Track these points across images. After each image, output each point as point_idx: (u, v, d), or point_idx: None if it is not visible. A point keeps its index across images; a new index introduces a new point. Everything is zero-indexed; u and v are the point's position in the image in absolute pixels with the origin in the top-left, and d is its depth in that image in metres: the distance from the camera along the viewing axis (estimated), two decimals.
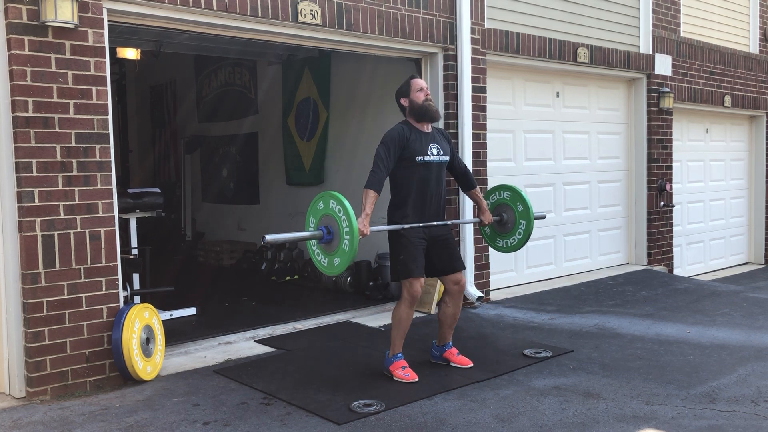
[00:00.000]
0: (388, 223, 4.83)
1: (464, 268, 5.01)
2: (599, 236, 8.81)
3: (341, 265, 4.30)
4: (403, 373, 4.70)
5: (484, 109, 6.99)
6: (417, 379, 4.67)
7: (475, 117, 6.86)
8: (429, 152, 4.77)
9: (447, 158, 4.89)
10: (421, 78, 6.75)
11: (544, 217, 5.61)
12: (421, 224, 4.75)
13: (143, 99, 12.68)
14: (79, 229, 4.57)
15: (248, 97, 10.00)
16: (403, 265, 4.70)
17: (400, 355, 4.77)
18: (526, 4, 7.49)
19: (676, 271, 9.52)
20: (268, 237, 4.17)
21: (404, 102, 4.87)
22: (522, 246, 5.33)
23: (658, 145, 9.05)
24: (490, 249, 7.15)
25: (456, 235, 6.78)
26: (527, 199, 5.25)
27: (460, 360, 5.02)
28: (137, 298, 6.26)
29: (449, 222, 5.07)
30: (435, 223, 4.82)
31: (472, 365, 5.00)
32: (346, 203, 4.29)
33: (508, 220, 5.32)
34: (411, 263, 4.69)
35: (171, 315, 6.56)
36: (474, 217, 5.32)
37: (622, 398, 4.38)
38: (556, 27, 7.75)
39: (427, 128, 4.87)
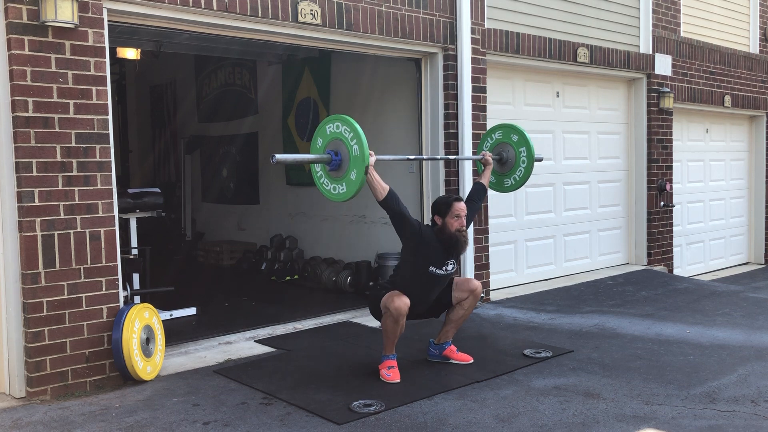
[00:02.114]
0: (376, 294, 4.80)
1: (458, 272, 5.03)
2: (599, 236, 8.81)
3: (348, 192, 4.23)
4: (386, 372, 4.70)
5: (484, 109, 6.99)
6: (398, 381, 4.65)
7: (475, 117, 6.85)
8: (444, 268, 4.78)
9: (455, 269, 4.90)
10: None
11: (540, 160, 5.65)
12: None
13: (143, 99, 12.68)
14: (79, 229, 4.57)
15: (248, 97, 10.00)
16: (384, 289, 4.72)
17: (390, 356, 4.78)
18: (526, 4, 7.49)
19: (676, 271, 9.52)
20: (278, 156, 4.11)
21: (437, 220, 4.76)
22: (529, 174, 5.38)
23: (658, 145, 9.05)
24: (490, 249, 7.17)
25: None
26: (519, 127, 5.33)
27: (461, 357, 5.03)
28: (137, 298, 6.26)
29: (452, 158, 5.25)
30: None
31: (472, 361, 5.01)
32: (358, 128, 4.18)
33: (508, 158, 5.38)
34: (390, 287, 4.72)
35: (171, 315, 6.56)
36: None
37: (622, 398, 4.38)
38: (556, 27, 7.75)
39: None
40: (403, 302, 4.57)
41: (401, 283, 4.76)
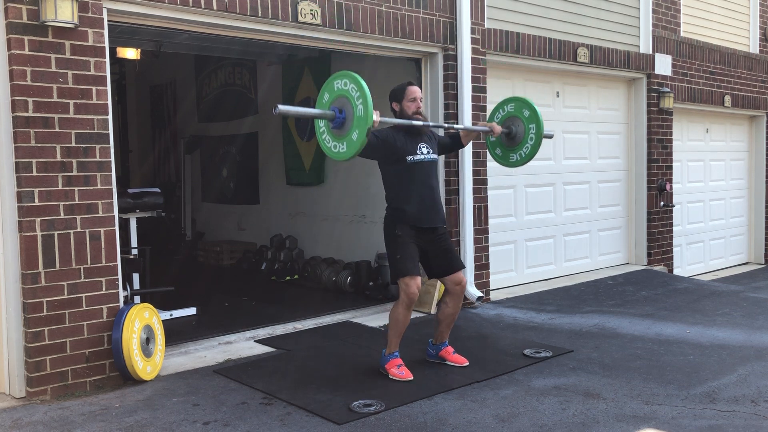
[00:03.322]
0: (387, 225, 4.83)
1: (464, 266, 5.03)
2: (599, 236, 8.81)
3: (348, 152, 4.22)
4: (398, 371, 4.71)
5: (484, 109, 6.99)
6: (412, 378, 4.68)
7: (475, 117, 6.86)
8: (419, 151, 4.79)
9: (436, 156, 4.93)
10: (419, 86, 6.75)
11: (551, 136, 5.52)
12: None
13: (143, 99, 12.68)
14: (79, 229, 4.57)
15: (248, 97, 10.00)
16: (402, 263, 4.71)
17: (396, 353, 4.80)
18: (526, 4, 7.49)
19: (676, 271, 9.52)
20: (281, 107, 4.07)
21: (395, 107, 4.88)
22: (536, 152, 5.28)
23: (658, 145, 9.05)
24: (491, 249, 7.17)
25: (456, 235, 6.79)
26: (532, 103, 5.22)
27: (456, 359, 5.04)
28: (137, 298, 6.26)
29: (457, 127, 5.05)
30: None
31: (467, 364, 5.01)
32: (365, 88, 4.17)
33: (517, 132, 5.30)
34: (409, 262, 4.71)
35: (171, 315, 6.56)
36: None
37: (622, 398, 4.38)
38: (556, 27, 7.75)
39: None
40: (415, 284, 4.66)
41: (396, 198, 4.76)
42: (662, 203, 9.14)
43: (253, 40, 5.75)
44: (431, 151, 4.87)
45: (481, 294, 6.87)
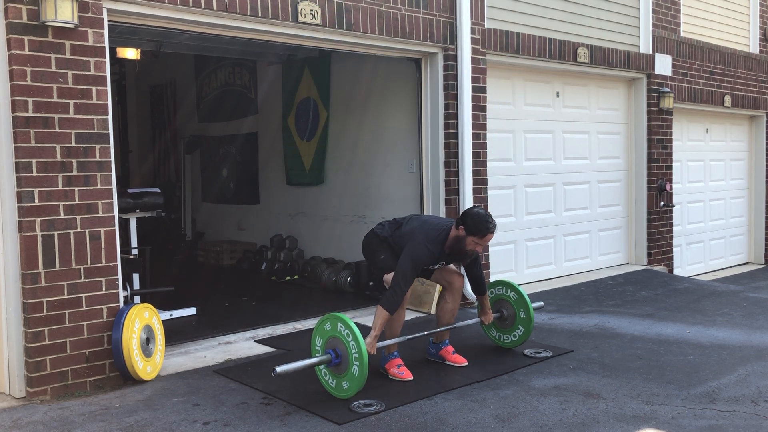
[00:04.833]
0: (371, 240, 4.95)
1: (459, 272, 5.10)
2: (599, 236, 8.81)
3: (351, 389, 4.29)
4: (398, 371, 4.73)
5: (484, 109, 6.99)
6: (411, 378, 4.70)
7: (475, 117, 6.86)
8: (431, 266, 4.93)
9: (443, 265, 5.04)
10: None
11: (542, 306, 5.74)
12: (429, 331, 5.00)
13: (143, 99, 12.68)
14: (79, 229, 4.57)
15: (248, 97, 10.00)
16: (389, 260, 4.77)
17: (395, 353, 4.81)
18: (526, 4, 7.49)
19: (676, 271, 9.52)
20: (279, 369, 4.13)
21: (461, 231, 4.67)
22: (515, 347, 5.44)
23: (658, 145, 9.05)
24: (490, 249, 7.17)
25: None
26: (531, 308, 5.33)
27: (455, 358, 5.05)
28: (137, 298, 6.26)
29: (451, 327, 5.10)
30: (438, 330, 5.03)
31: (466, 363, 5.02)
32: (354, 327, 4.29)
33: (508, 317, 5.45)
34: (393, 261, 4.75)
35: (171, 315, 6.56)
36: (477, 316, 5.48)
37: (622, 398, 4.38)
38: (556, 27, 7.75)
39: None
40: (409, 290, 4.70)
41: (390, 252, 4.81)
42: (662, 203, 9.14)
43: (253, 40, 5.75)
44: (442, 264, 4.99)
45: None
